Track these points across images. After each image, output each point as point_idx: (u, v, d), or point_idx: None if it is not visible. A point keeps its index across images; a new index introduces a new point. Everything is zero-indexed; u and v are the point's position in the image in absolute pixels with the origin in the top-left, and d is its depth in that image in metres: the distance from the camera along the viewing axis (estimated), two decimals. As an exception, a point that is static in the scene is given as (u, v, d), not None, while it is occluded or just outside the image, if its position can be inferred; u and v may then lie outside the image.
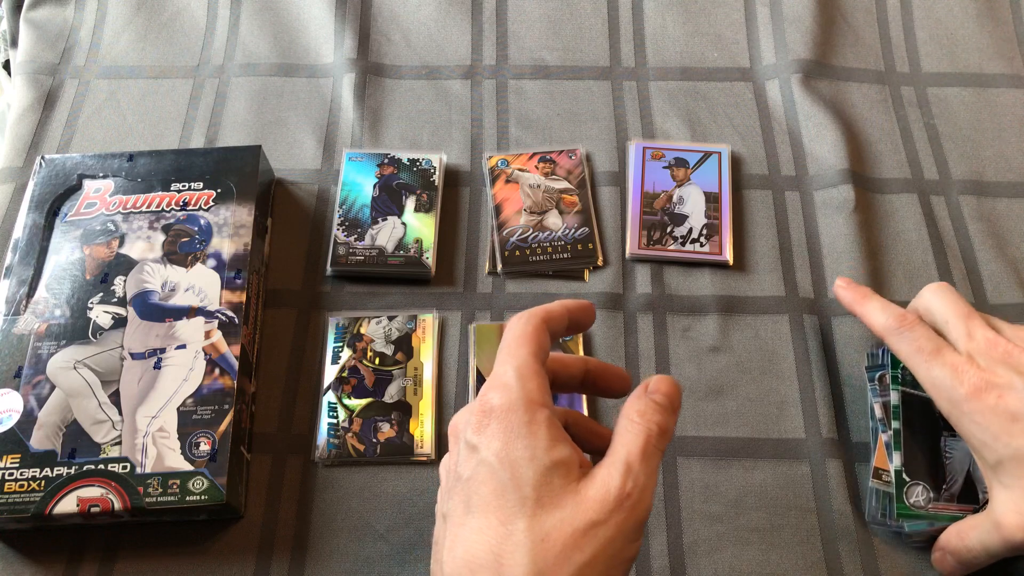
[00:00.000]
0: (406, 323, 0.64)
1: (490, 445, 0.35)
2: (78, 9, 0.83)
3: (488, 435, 0.35)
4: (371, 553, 0.56)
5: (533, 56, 0.79)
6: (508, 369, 0.37)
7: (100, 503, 0.53)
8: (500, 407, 0.36)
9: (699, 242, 0.67)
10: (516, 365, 0.36)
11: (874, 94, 0.77)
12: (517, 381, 0.36)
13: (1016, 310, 0.65)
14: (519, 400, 0.36)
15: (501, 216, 0.69)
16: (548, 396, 0.37)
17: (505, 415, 0.35)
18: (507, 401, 0.36)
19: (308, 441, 0.60)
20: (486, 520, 0.34)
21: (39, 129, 0.75)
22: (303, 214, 0.70)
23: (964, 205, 0.71)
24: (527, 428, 0.35)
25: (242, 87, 0.77)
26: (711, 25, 0.81)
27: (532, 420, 0.35)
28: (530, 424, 0.35)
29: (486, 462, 0.35)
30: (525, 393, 0.36)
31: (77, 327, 0.59)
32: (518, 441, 0.35)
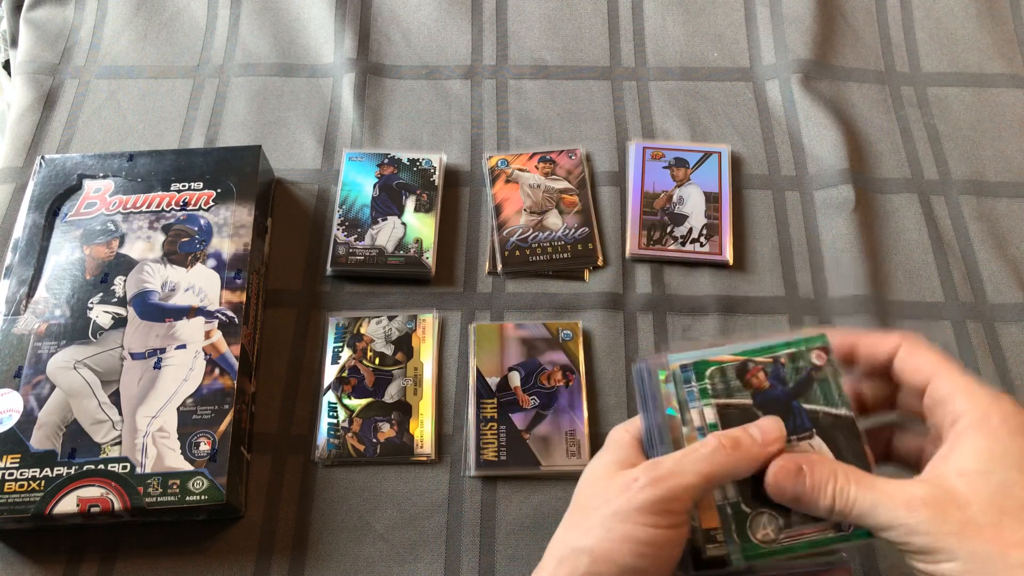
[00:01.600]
0: (406, 323, 0.64)
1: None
2: (78, 9, 0.83)
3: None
4: (371, 553, 0.56)
5: (533, 56, 0.79)
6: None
7: (100, 503, 0.53)
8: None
9: (699, 242, 0.67)
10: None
11: (874, 94, 0.77)
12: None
13: (1016, 310, 0.65)
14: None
15: (501, 216, 0.69)
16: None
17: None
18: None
19: (308, 441, 0.60)
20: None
21: (39, 129, 0.75)
22: (303, 214, 0.70)
23: (964, 205, 0.71)
24: (606, 446, 0.46)
25: (242, 87, 0.77)
26: (711, 25, 0.81)
27: (611, 439, 0.46)
28: (608, 443, 0.46)
29: None
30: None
31: (77, 327, 0.59)
32: (598, 456, 0.46)
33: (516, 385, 0.61)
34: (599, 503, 0.41)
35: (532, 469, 0.58)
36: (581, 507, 0.42)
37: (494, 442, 0.59)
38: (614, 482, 0.41)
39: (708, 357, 0.45)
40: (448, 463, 0.59)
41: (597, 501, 0.41)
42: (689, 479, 0.39)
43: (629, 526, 0.39)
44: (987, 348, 0.63)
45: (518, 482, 0.58)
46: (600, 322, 0.65)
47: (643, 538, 0.39)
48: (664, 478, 0.40)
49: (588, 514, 0.41)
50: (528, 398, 0.61)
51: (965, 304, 0.65)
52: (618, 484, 0.41)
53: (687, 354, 0.45)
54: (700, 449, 0.41)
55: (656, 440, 0.44)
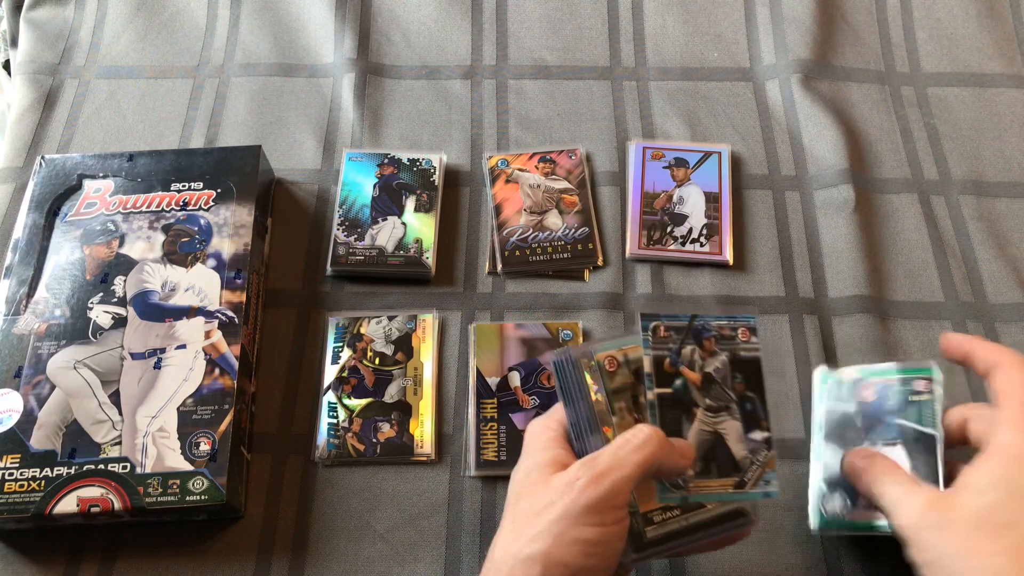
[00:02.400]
0: (406, 323, 0.64)
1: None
2: (78, 9, 0.83)
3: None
4: (371, 553, 0.56)
5: (533, 56, 0.79)
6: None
7: (100, 503, 0.53)
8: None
9: (699, 242, 0.67)
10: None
11: (874, 94, 0.77)
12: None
13: (1016, 310, 0.65)
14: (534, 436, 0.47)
15: (501, 216, 0.69)
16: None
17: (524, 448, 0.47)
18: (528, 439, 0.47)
19: (308, 441, 0.60)
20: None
21: (39, 129, 0.75)
22: (303, 214, 0.70)
23: (964, 205, 0.71)
24: (528, 447, 0.46)
25: (242, 87, 0.77)
26: (711, 25, 0.81)
27: (532, 438, 0.46)
28: (530, 443, 0.46)
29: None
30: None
31: (77, 327, 0.59)
32: (523, 459, 0.46)
33: (516, 385, 0.61)
34: (541, 507, 0.41)
35: (532, 469, 0.58)
36: (523, 514, 0.42)
37: (494, 442, 0.59)
38: (553, 485, 0.42)
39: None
40: (448, 463, 0.59)
41: (539, 506, 0.41)
42: (628, 470, 0.41)
43: (577, 528, 0.40)
44: (987, 348, 0.63)
45: (518, 482, 0.58)
46: (600, 322, 0.65)
47: (591, 538, 0.40)
48: (604, 474, 0.40)
49: (532, 520, 0.41)
50: (528, 398, 0.61)
51: (965, 304, 0.65)
52: (559, 486, 0.41)
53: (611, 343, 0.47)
54: (632, 440, 0.42)
55: (585, 432, 0.45)
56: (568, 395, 0.45)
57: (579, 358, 0.45)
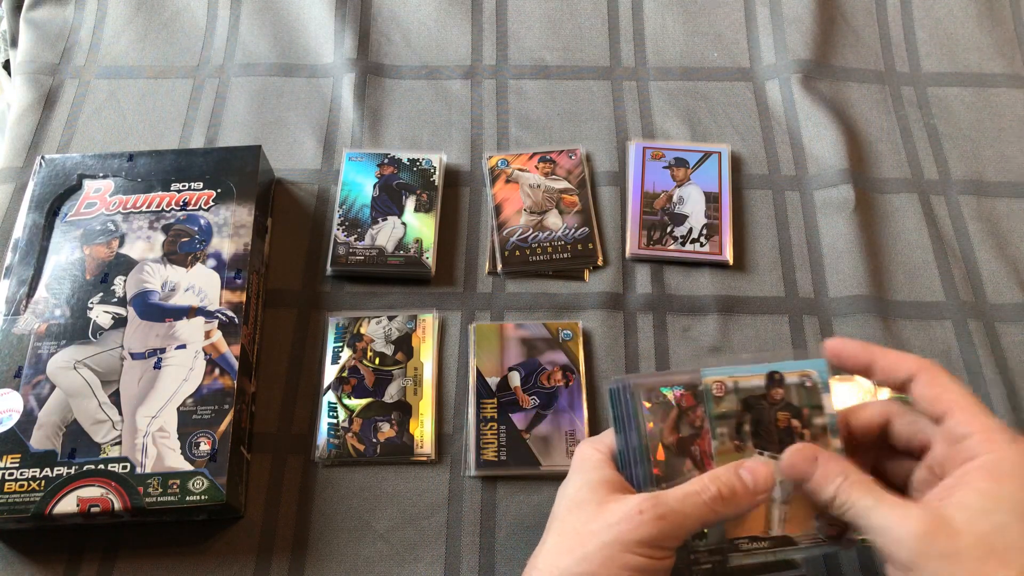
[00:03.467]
0: (406, 323, 0.64)
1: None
2: (78, 9, 0.83)
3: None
4: (371, 553, 0.56)
5: (533, 56, 0.79)
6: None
7: (100, 503, 0.53)
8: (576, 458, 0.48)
9: (699, 242, 0.67)
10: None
11: (874, 94, 0.77)
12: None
13: (1016, 310, 0.65)
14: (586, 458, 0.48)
15: (501, 216, 0.69)
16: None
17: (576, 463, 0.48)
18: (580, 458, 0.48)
19: (308, 441, 0.60)
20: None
21: (39, 129, 0.75)
22: (303, 214, 0.70)
23: (964, 205, 0.71)
24: (578, 465, 0.47)
25: (242, 87, 0.77)
26: (711, 25, 0.81)
27: (583, 458, 0.47)
28: (580, 462, 0.47)
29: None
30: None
31: (77, 327, 0.59)
32: (573, 476, 0.47)
33: (516, 385, 0.61)
34: (596, 528, 0.42)
35: (532, 469, 0.58)
36: (572, 530, 0.43)
37: (494, 442, 0.59)
38: (611, 509, 0.42)
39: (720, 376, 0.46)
40: (448, 463, 0.59)
41: (593, 526, 0.42)
42: (690, 522, 0.42)
43: (629, 556, 0.41)
44: (988, 348, 0.63)
45: (518, 482, 0.58)
46: (600, 322, 0.65)
47: (640, 567, 0.41)
48: (667, 516, 0.41)
49: (584, 540, 0.42)
50: (528, 398, 0.61)
51: (965, 304, 0.65)
52: (617, 512, 0.42)
53: (719, 369, 0.46)
54: (701, 494, 0.42)
55: (632, 462, 0.45)
56: (620, 423, 0.46)
57: (637, 387, 0.46)
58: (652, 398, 0.46)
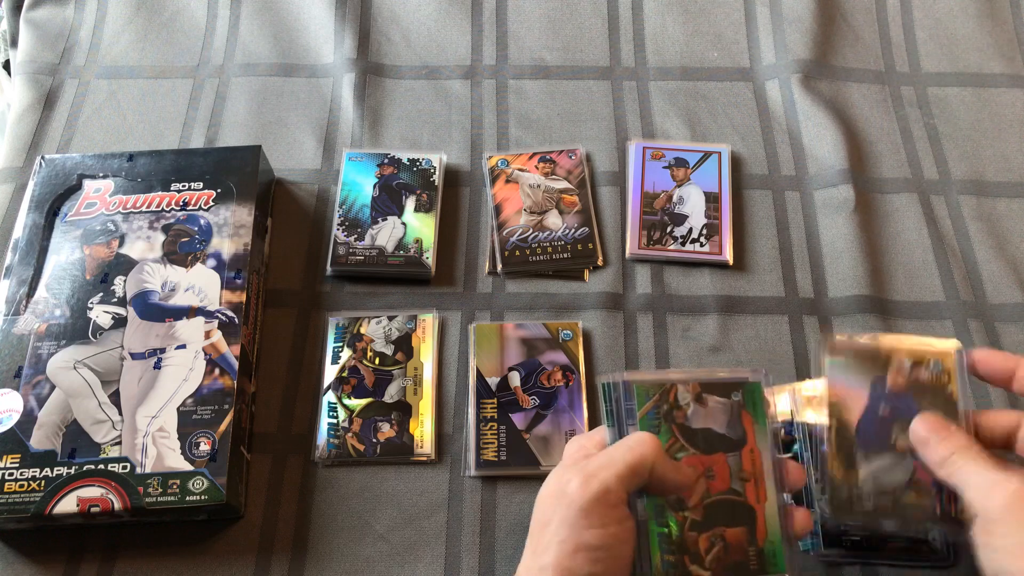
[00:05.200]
0: (406, 323, 0.64)
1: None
2: (78, 9, 0.83)
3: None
4: (371, 553, 0.56)
5: (533, 56, 0.79)
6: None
7: (100, 503, 0.53)
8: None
9: (699, 242, 0.67)
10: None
11: (874, 94, 0.77)
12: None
13: (1016, 310, 0.65)
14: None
15: (501, 216, 0.69)
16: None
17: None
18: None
19: (308, 441, 0.60)
20: None
21: (39, 129, 0.75)
22: (303, 214, 0.70)
23: (964, 205, 0.71)
24: (564, 463, 0.46)
25: (242, 87, 0.77)
26: (711, 25, 0.81)
27: (566, 457, 0.47)
28: (567, 459, 0.46)
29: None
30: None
31: (77, 327, 0.59)
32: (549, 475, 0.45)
33: (516, 385, 0.61)
34: (548, 519, 0.42)
35: (532, 469, 0.58)
36: (536, 528, 0.43)
37: (494, 442, 0.59)
38: (552, 493, 0.42)
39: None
40: (448, 463, 0.59)
41: (545, 517, 0.42)
42: (617, 468, 0.41)
43: (578, 533, 0.40)
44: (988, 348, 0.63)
45: (518, 482, 0.58)
46: (600, 322, 0.65)
47: (593, 542, 0.40)
48: (594, 473, 0.41)
49: (541, 533, 0.42)
50: (528, 398, 0.61)
51: (965, 304, 0.65)
52: (555, 493, 0.42)
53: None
54: (626, 441, 0.43)
55: None
56: (616, 419, 0.46)
57: (629, 384, 0.46)
58: (645, 394, 0.46)
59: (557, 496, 0.41)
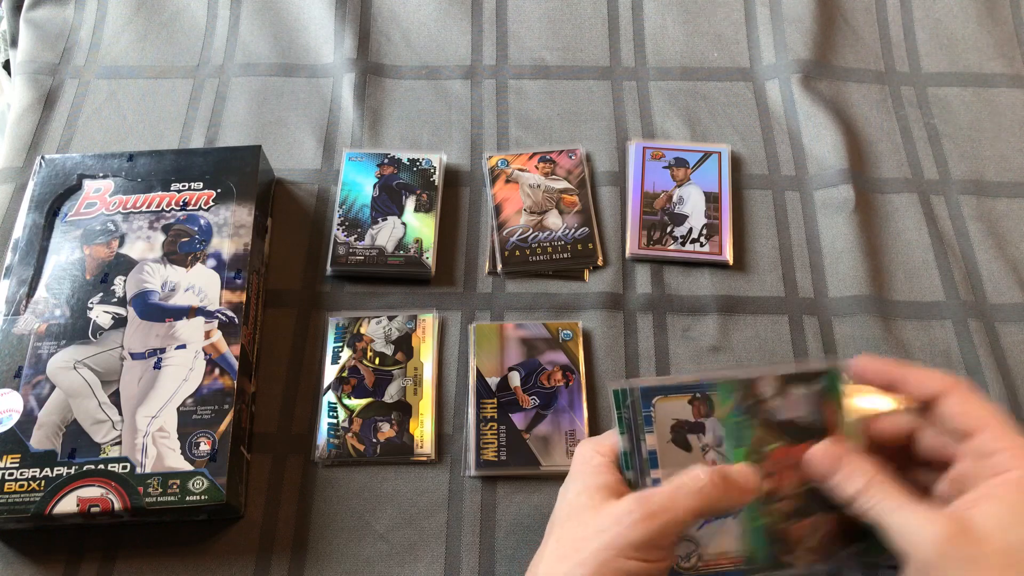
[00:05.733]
0: (406, 323, 0.64)
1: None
2: (78, 9, 0.83)
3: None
4: (371, 553, 0.56)
5: (533, 56, 0.79)
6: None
7: (100, 503, 0.53)
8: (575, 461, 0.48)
9: (699, 242, 0.67)
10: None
11: (874, 94, 0.77)
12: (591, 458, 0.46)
13: (1016, 310, 0.65)
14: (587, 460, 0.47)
15: (501, 216, 0.69)
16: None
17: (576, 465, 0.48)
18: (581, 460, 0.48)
19: (308, 441, 0.60)
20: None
21: (39, 129, 0.75)
22: (303, 214, 0.70)
23: (964, 205, 0.71)
24: (577, 469, 0.47)
25: (242, 87, 0.77)
26: (711, 25, 0.81)
27: (583, 461, 0.46)
28: (580, 466, 0.46)
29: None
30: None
31: (77, 327, 0.59)
32: (572, 480, 0.46)
33: (516, 385, 0.61)
34: (590, 533, 0.41)
35: (532, 469, 0.58)
36: (570, 536, 0.43)
37: (494, 442, 0.59)
38: (604, 513, 0.42)
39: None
40: (448, 463, 0.59)
41: (588, 531, 0.42)
42: (680, 515, 0.41)
43: (621, 561, 0.40)
44: (988, 348, 0.63)
45: (518, 482, 0.58)
46: (600, 322, 0.65)
47: (634, 571, 0.40)
48: (657, 514, 0.41)
49: (578, 545, 0.41)
50: (528, 398, 0.61)
51: (965, 304, 0.65)
52: (610, 516, 0.41)
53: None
54: (691, 484, 0.42)
55: (638, 469, 0.45)
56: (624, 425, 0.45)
57: (646, 393, 0.45)
58: (662, 404, 0.45)
59: (612, 520, 0.41)
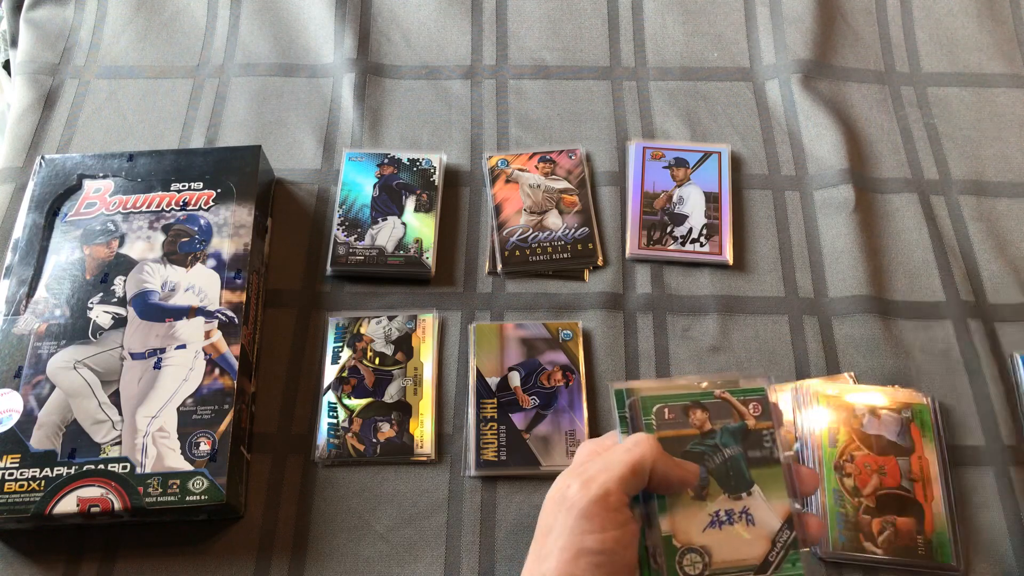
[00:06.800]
0: (406, 323, 0.64)
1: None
2: (78, 9, 0.83)
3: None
4: (371, 553, 0.56)
5: (533, 56, 0.79)
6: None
7: (100, 503, 0.53)
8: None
9: (699, 242, 0.67)
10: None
11: (874, 94, 0.77)
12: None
13: (1016, 310, 0.65)
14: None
15: (501, 216, 0.69)
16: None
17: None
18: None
19: (308, 441, 0.60)
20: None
21: (39, 129, 0.75)
22: (303, 214, 0.70)
23: (964, 205, 0.71)
24: (573, 469, 0.44)
25: (242, 87, 0.77)
26: (711, 25, 0.81)
27: (581, 462, 0.45)
28: (577, 466, 0.44)
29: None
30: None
31: (77, 327, 0.59)
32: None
33: (516, 385, 0.61)
34: (550, 523, 0.41)
35: (532, 469, 0.58)
36: (539, 535, 0.43)
37: (494, 442, 0.59)
38: (552, 499, 0.42)
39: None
40: (448, 463, 0.59)
41: (549, 522, 0.42)
42: (617, 470, 0.40)
43: (578, 538, 0.39)
44: (988, 348, 0.63)
45: (518, 482, 0.58)
46: (600, 322, 0.65)
47: (594, 547, 0.39)
48: (593, 477, 0.40)
49: (543, 540, 0.41)
50: (528, 398, 0.61)
51: (965, 304, 0.65)
52: (555, 499, 0.41)
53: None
54: (624, 443, 0.42)
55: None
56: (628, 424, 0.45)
57: (649, 402, 0.45)
58: (667, 414, 0.45)
59: (559, 501, 0.41)
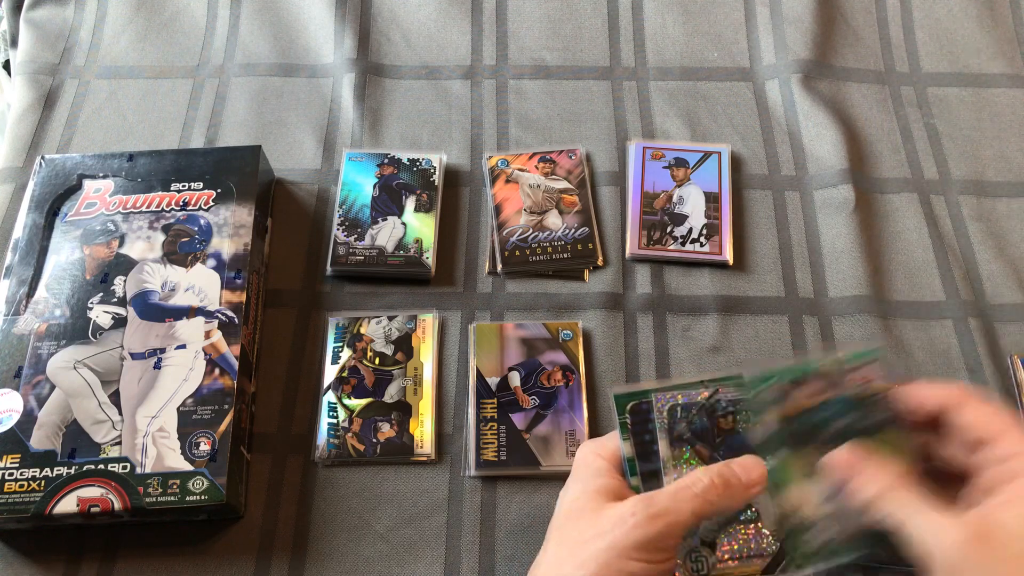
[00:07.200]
0: (406, 323, 0.64)
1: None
2: (78, 9, 0.83)
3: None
4: (371, 553, 0.56)
5: (533, 56, 0.79)
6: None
7: (100, 503, 0.53)
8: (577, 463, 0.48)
9: (699, 242, 0.67)
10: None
11: (874, 94, 0.77)
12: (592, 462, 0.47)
13: (1016, 310, 0.65)
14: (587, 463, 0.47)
15: (501, 216, 0.69)
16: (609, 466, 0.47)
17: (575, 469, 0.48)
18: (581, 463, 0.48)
19: (308, 441, 0.60)
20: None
21: (39, 129, 0.75)
22: (303, 214, 0.70)
23: (964, 205, 0.71)
24: (578, 471, 0.47)
25: (242, 87, 0.77)
26: (711, 25, 0.81)
27: (584, 463, 0.47)
28: (581, 468, 0.47)
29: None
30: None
31: (77, 327, 0.59)
32: (573, 483, 0.47)
33: (516, 385, 0.61)
34: (592, 536, 0.41)
35: (532, 469, 0.58)
36: (571, 539, 0.43)
37: (494, 442, 0.59)
38: (606, 515, 0.42)
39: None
40: (448, 463, 0.59)
41: (589, 533, 0.42)
42: (683, 517, 0.41)
43: (624, 561, 0.40)
44: (988, 348, 0.63)
45: (518, 482, 0.58)
46: (600, 322, 0.65)
47: (636, 572, 0.40)
48: (659, 515, 0.41)
49: (580, 547, 0.42)
50: (528, 398, 0.61)
51: (965, 304, 0.65)
52: (612, 518, 0.42)
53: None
54: (692, 487, 0.42)
55: (644, 477, 0.45)
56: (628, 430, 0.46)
57: (655, 405, 0.45)
58: (672, 416, 0.46)
59: (615, 522, 0.41)
